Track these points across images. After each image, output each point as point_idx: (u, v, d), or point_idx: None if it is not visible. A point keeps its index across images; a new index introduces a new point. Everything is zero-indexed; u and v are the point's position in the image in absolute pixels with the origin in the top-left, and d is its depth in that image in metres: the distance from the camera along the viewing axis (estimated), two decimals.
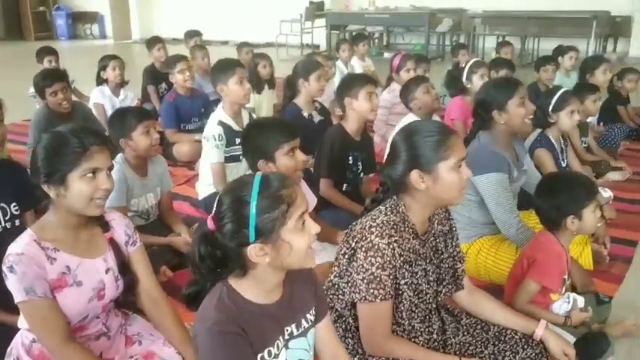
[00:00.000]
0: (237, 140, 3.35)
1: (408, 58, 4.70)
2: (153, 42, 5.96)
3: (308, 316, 1.52)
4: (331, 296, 1.79)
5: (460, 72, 4.34)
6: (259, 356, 1.40)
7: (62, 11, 15.49)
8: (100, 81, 4.87)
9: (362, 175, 3.17)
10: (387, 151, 3.64)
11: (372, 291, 1.68)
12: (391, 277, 1.69)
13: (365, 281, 1.68)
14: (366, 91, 3.04)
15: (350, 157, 3.07)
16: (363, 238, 1.70)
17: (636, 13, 9.82)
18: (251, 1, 12.83)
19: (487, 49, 10.41)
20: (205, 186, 3.42)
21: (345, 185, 3.12)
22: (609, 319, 2.29)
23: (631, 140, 4.87)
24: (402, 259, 1.71)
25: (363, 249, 1.69)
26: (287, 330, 1.46)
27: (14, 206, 2.20)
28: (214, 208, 1.38)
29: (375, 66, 7.14)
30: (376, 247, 1.67)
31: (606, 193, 3.42)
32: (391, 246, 1.68)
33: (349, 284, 1.73)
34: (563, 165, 3.25)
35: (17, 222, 2.21)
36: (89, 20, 15.90)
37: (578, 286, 2.42)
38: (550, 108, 3.14)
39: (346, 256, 1.74)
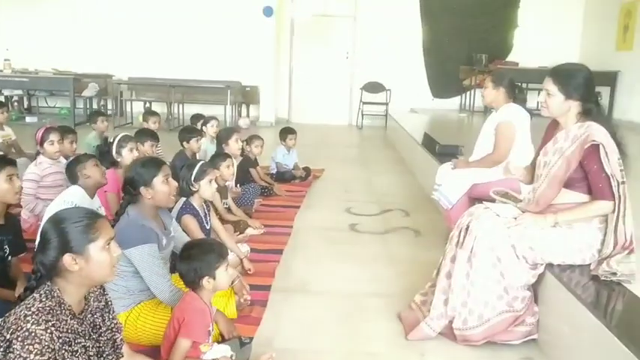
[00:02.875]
0: None
1: (51, 130, 4.65)
2: None
3: None
4: None
5: (109, 146, 4.52)
6: None
7: None
8: None
9: (10, 258, 3.06)
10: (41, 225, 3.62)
11: None
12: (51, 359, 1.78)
13: None
14: (5, 175, 3.01)
15: None
16: (19, 328, 1.75)
17: (262, 84, 11.47)
18: None
19: (135, 113, 10.78)
20: None
21: None
22: (251, 357, 2.72)
23: (264, 197, 5.71)
24: (60, 341, 1.81)
25: (20, 339, 1.73)
26: None
27: None
28: None
29: (17, 132, 6.76)
30: (33, 334, 1.74)
31: (244, 248, 4.01)
32: (49, 330, 1.77)
33: None
34: (207, 227, 3.69)
35: None
36: None
37: (224, 333, 2.82)
38: (192, 178, 3.57)
39: (1, 349, 1.75)
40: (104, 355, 2.05)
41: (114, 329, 2.11)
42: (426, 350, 2.95)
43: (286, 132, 6.67)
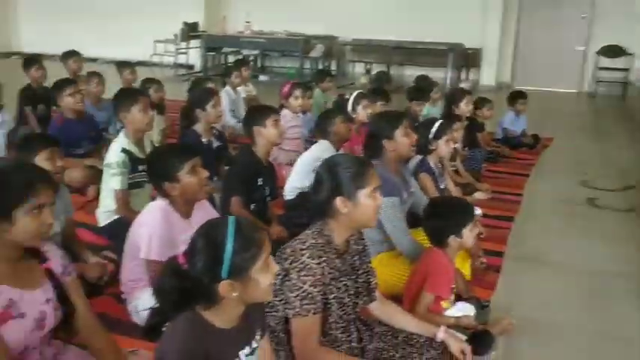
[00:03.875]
0: (140, 167, 3.42)
1: (296, 86, 4.98)
2: (31, 62, 5.71)
3: (257, 337, 1.70)
4: (266, 313, 1.97)
5: (345, 102, 4.71)
6: None
7: None
8: None
9: (269, 198, 3.38)
10: (290, 174, 3.96)
11: (305, 306, 1.89)
12: (321, 293, 1.92)
13: (298, 298, 1.89)
14: (272, 119, 3.31)
15: (259, 180, 3.29)
16: (296, 260, 1.91)
17: (485, 46, 11.00)
18: (122, 18, 12.52)
19: (356, 74, 11.10)
20: (106, 213, 3.42)
21: (252, 205, 3.32)
22: (490, 320, 2.67)
23: (489, 163, 5.52)
24: (330, 276, 1.95)
25: (296, 269, 1.90)
26: (243, 352, 1.63)
27: None
28: (188, 246, 1.52)
29: None
30: (308, 267, 1.89)
31: (477, 211, 3.91)
32: (321, 265, 1.91)
33: (283, 302, 1.93)
34: (442, 187, 3.68)
35: None
36: None
37: (461, 293, 2.80)
38: (431, 136, 3.56)
39: (279, 277, 1.93)
40: (360, 296, 2.16)
41: (369, 272, 2.21)
42: None
43: (517, 96, 6.32)
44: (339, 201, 1.97)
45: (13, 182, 1.68)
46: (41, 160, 2.72)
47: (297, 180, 3.97)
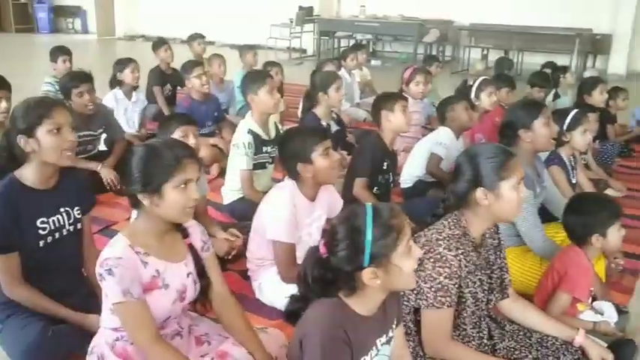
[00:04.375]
0: (264, 148, 3.50)
1: (418, 71, 4.88)
2: (159, 43, 6.01)
3: (393, 326, 1.68)
4: None
5: (468, 90, 4.54)
6: None
7: (44, 4, 15.31)
8: (115, 84, 4.91)
9: (392, 184, 3.35)
10: (406, 161, 3.90)
11: (439, 298, 1.84)
12: (456, 286, 1.85)
13: (433, 289, 1.84)
14: (401, 105, 3.30)
15: (385, 164, 3.28)
16: (431, 250, 1.85)
17: (616, 32, 10.22)
18: (240, 3, 12.89)
19: (471, 59, 10.71)
20: (231, 191, 3.53)
21: (375, 188, 3.32)
22: (628, 327, 2.47)
23: (622, 157, 5.13)
24: (466, 269, 1.88)
25: (432, 260, 1.84)
26: (380, 340, 1.62)
27: (77, 210, 2.29)
28: (328, 235, 1.53)
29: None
30: (444, 258, 1.83)
31: None
32: (458, 257, 1.84)
33: (415, 292, 1.88)
34: (574, 182, 3.45)
35: (79, 225, 2.30)
36: (71, 14, 15.74)
37: (598, 296, 2.61)
38: (564, 127, 3.34)
39: None
40: (493, 292, 2.07)
41: (503, 268, 2.11)
42: None
43: None
44: (479, 192, 1.89)
45: (163, 158, 1.74)
46: (176, 137, 2.83)
47: (414, 167, 3.90)
